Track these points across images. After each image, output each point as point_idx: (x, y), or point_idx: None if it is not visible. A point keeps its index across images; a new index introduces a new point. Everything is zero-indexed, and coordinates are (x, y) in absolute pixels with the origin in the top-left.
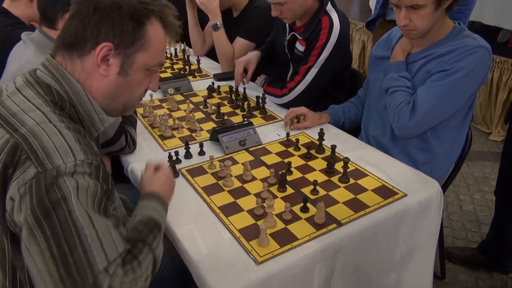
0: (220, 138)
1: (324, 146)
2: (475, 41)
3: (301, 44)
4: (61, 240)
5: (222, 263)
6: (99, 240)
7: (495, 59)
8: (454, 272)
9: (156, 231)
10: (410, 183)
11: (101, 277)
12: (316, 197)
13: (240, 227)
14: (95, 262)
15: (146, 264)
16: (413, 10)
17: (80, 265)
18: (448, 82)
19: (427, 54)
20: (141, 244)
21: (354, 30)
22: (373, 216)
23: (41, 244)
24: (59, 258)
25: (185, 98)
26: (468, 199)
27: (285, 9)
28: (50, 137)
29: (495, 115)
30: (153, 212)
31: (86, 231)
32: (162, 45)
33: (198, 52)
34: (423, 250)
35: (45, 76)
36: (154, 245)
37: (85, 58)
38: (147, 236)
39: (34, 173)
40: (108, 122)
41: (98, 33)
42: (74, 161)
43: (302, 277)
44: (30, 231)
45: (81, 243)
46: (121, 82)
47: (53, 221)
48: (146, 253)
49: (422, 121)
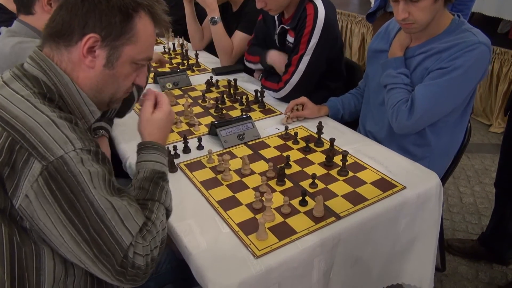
0: (219, 132)
1: (323, 139)
2: (474, 36)
3: (291, 35)
4: (88, 227)
5: (221, 257)
6: (121, 221)
7: (495, 50)
8: (454, 264)
9: (162, 182)
10: (409, 175)
11: (128, 249)
12: (315, 190)
13: (239, 221)
14: (122, 240)
15: (159, 220)
16: (412, 3)
17: (110, 245)
18: (446, 80)
19: (426, 49)
20: (150, 203)
21: (354, 23)
22: (372, 209)
23: (72, 232)
24: (90, 241)
25: (184, 93)
26: (468, 191)
27: (269, 0)
28: (45, 128)
29: (496, 107)
30: (154, 164)
31: (108, 216)
32: (151, 39)
33: (197, 47)
34: (423, 242)
35: (32, 69)
36: (163, 198)
37: (72, 49)
38: (154, 193)
39: (41, 168)
40: (99, 114)
41: (85, 24)
42: (74, 150)
43: (301, 271)
44: (60, 221)
45: (107, 228)
46: (107, 75)
47: (77, 210)
48: (157, 210)
49: (420, 120)
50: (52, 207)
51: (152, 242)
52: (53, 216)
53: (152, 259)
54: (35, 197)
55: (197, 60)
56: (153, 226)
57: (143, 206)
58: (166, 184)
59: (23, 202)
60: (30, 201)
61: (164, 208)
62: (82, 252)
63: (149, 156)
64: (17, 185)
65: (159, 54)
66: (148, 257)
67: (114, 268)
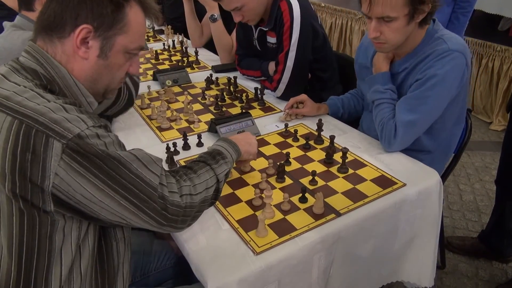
0: (218, 129)
1: (322, 136)
2: (445, 44)
3: (271, 35)
4: (122, 183)
5: (220, 254)
6: (145, 166)
7: (495, 47)
8: (454, 261)
9: (219, 158)
10: (409, 173)
11: (160, 189)
12: (315, 187)
13: (239, 218)
14: (151, 182)
15: (205, 177)
16: (385, 23)
17: (144, 190)
18: (422, 91)
19: (407, 65)
20: (202, 164)
21: (354, 20)
22: (372, 206)
23: (109, 193)
24: (128, 195)
25: (183, 90)
26: (468, 188)
27: (245, 12)
28: (56, 112)
29: (496, 105)
30: (218, 146)
31: (134, 165)
32: (142, 28)
33: (196, 44)
34: (423, 240)
35: (29, 62)
36: (214, 166)
37: (65, 41)
38: (208, 160)
39: (61, 146)
40: (96, 105)
41: (77, 15)
42: (88, 128)
43: (301, 268)
44: (96, 187)
45: (136, 176)
46: (102, 65)
47: (107, 171)
48: (206, 170)
49: (405, 135)
50: (85, 177)
51: (192, 188)
52: (88, 186)
53: (192, 204)
54: (66, 174)
55: (197, 57)
56: (196, 176)
57: (194, 164)
58: (223, 162)
59: (55, 180)
60: (61, 178)
61: (215, 175)
62: (124, 209)
63: (219, 143)
64: (44, 167)
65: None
66: (187, 197)
67: (156, 212)
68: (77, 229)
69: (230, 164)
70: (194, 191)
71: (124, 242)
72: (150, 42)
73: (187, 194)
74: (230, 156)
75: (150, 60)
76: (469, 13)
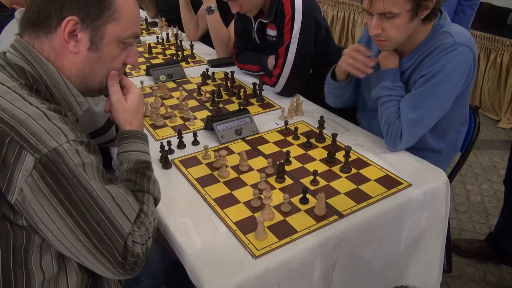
0: (215, 127)
1: (324, 134)
2: (451, 38)
3: (271, 28)
4: (87, 218)
5: (217, 258)
6: (120, 210)
7: (504, 42)
8: (461, 265)
9: (148, 172)
10: (415, 172)
11: (128, 238)
12: (316, 187)
13: (237, 219)
14: (122, 228)
15: (151, 211)
16: (386, 19)
17: (110, 234)
18: (427, 88)
19: (412, 62)
20: (140, 194)
21: (357, 13)
22: (376, 207)
23: (70, 224)
24: (90, 233)
25: (178, 85)
26: (475, 189)
27: (243, 2)
28: (36, 120)
29: (505, 101)
30: (138, 154)
31: (108, 205)
32: (134, 14)
33: (191, 37)
34: (429, 242)
35: (16, 59)
36: (151, 188)
37: (52, 36)
38: (142, 184)
39: (34, 161)
40: (86, 105)
41: (61, 7)
42: (68, 141)
43: (301, 271)
44: (58, 214)
45: (107, 217)
46: (93, 58)
47: (75, 202)
48: (147, 201)
49: (410, 134)
50: (49, 200)
51: (146, 232)
52: (50, 210)
53: (147, 249)
54: (30, 191)
55: (192, 51)
56: (146, 217)
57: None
58: (152, 173)
59: (19, 197)
60: (25, 195)
61: (153, 198)
62: (81, 245)
63: (132, 146)
64: (11, 179)
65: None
66: (144, 246)
67: (114, 258)
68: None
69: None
70: (148, 235)
71: None
72: (143, 35)
73: (144, 242)
74: (149, 155)
75: (143, 54)
76: (476, 6)
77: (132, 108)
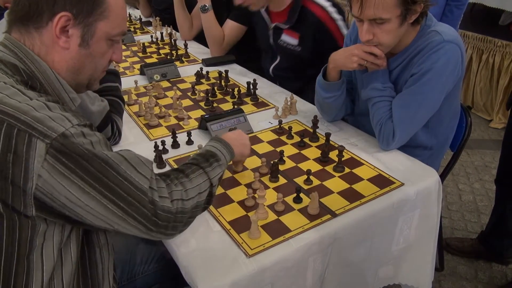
0: (209, 126)
1: (318, 134)
2: (439, 36)
3: (291, 35)
4: (109, 185)
5: (211, 257)
6: (135, 169)
7: (496, 43)
8: (453, 263)
9: (213, 160)
10: (407, 172)
11: (150, 193)
12: (310, 187)
13: (230, 219)
14: (141, 185)
15: (198, 181)
16: (377, 25)
17: (134, 194)
18: (418, 86)
19: (400, 61)
20: (195, 167)
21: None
22: (369, 206)
23: (96, 196)
24: (115, 198)
25: (172, 85)
26: (467, 188)
27: None
28: (39, 110)
29: (496, 102)
30: (211, 147)
31: (123, 167)
32: (123, 13)
33: (186, 36)
34: (422, 241)
35: (8, 57)
36: (208, 169)
37: (43, 31)
38: (201, 162)
39: (45, 146)
40: (79, 101)
41: (55, 2)
42: (73, 126)
43: (295, 270)
44: (82, 190)
45: (125, 178)
46: (84, 54)
47: (94, 174)
48: (199, 174)
49: (402, 133)
50: (70, 179)
51: (184, 193)
52: (73, 188)
53: (183, 210)
54: (49, 175)
55: (186, 50)
56: (188, 181)
57: (186, 167)
58: (217, 165)
59: (39, 182)
60: (45, 180)
61: (208, 178)
62: (111, 213)
63: (211, 143)
64: (27, 168)
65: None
66: (178, 202)
67: (145, 217)
68: (59, 234)
69: (224, 166)
70: (186, 196)
71: (107, 248)
72: (137, 35)
73: (179, 199)
74: (224, 158)
75: (137, 54)
76: (464, 6)
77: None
